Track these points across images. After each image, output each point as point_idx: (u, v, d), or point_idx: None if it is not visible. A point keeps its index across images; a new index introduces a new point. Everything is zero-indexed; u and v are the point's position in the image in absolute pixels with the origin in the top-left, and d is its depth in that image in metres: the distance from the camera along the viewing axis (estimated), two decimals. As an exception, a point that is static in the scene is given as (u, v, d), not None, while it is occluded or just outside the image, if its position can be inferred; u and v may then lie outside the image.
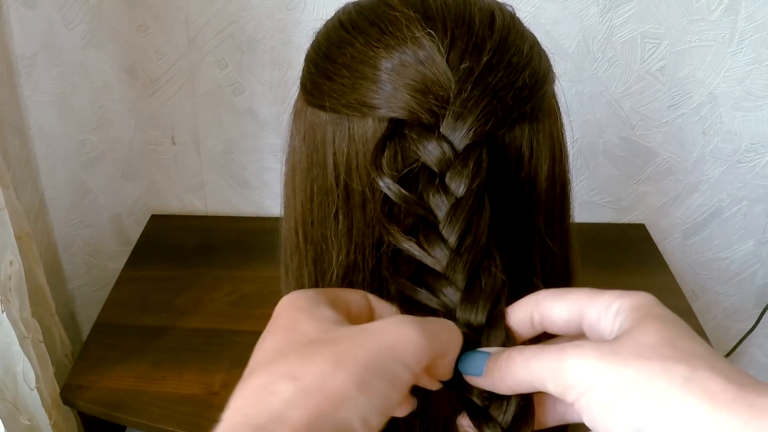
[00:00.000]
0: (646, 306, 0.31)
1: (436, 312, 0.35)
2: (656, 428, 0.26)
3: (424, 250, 0.35)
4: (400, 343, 0.29)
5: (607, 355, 0.28)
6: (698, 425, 0.25)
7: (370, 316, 0.36)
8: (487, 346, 0.34)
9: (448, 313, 0.35)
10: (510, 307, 0.35)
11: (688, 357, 0.27)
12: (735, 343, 1.46)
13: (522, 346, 0.33)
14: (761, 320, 1.44)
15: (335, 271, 0.41)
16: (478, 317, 0.34)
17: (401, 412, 0.35)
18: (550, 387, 0.30)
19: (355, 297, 0.36)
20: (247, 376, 0.30)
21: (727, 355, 1.48)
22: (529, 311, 0.34)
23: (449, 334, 0.32)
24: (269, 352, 0.30)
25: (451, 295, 0.35)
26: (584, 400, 0.28)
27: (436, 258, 0.35)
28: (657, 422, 0.26)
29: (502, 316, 0.35)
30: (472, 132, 0.35)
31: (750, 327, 1.44)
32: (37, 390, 1.01)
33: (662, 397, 0.26)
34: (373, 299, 0.37)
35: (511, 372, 0.31)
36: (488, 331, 0.34)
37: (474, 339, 0.34)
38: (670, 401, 0.26)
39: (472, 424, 0.33)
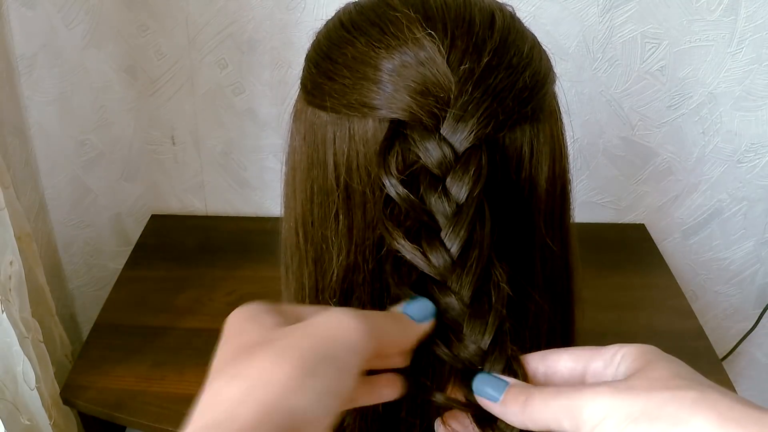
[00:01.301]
0: (651, 351, 0.32)
1: (440, 323, 0.35)
2: None
3: (427, 258, 0.35)
4: (339, 330, 0.30)
5: (619, 390, 0.30)
6: None
7: None
8: (491, 362, 0.34)
9: (453, 325, 0.35)
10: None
11: (696, 384, 0.29)
12: (735, 343, 1.46)
13: (542, 387, 0.33)
14: (761, 320, 1.44)
15: (335, 272, 0.41)
16: (486, 334, 0.34)
17: (389, 395, 0.36)
18: (566, 424, 0.31)
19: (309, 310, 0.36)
20: (204, 386, 0.31)
21: (727, 355, 1.48)
22: (535, 365, 0.35)
23: (395, 322, 0.33)
24: (219, 361, 0.32)
25: (457, 307, 0.34)
26: (598, 430, 0.29)
27: (438, 267, 0.35)
28: None
29: (507, 332, 0.35)
30: (472, 135, 0.35)
31: (750, 327, 1.44)
32: (37, 390, 1.01)
33: (672, 421, 0.27)
34: None
35: (530, 410, 0.32)
36: (493, 349, 0.34)
37: (478, 355, 0.34)
38: (679, 423, 0.27)
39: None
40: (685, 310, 1.18)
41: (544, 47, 0.41)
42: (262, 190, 1.39)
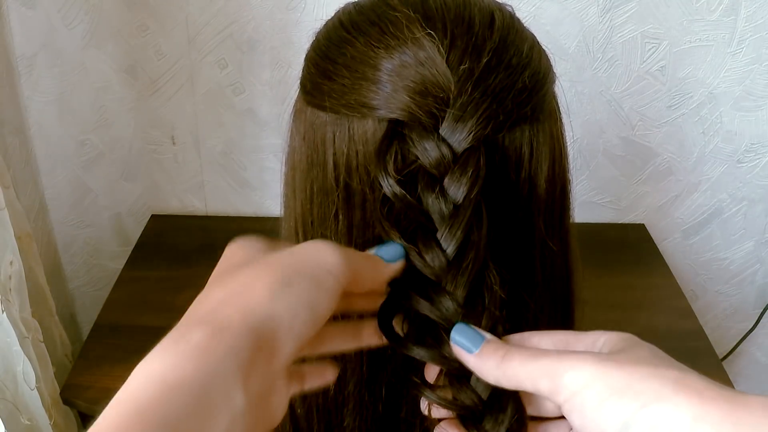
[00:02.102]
0: (631, 338, 0.33)
1: (434, 322, 0.35)
2: (645, 423, 0.28)
3: (423, 258, 0.35)
4: (317, 252, 0.33)
5: (603, 361, 0.30)
6: (688, 418, 0.27)
7: None
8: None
9: (447, 325, 0.35)
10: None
11: (676, 366, 0.30)
12: (735, 343, 1.46)
13: (521, 346, 0.33)
14: (761, 320, 1.44)
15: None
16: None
17: (370, 340, 0.37)
18: (543, 385, 0.31)
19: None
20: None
21: (727, 355, 1.48)
22: (516, 344, 0.35)
23: (367, 259, 0.35)
24: (212, 277, 0.36)
25: (451, 308, 0.34)
26: (577, 398, 0.30)
27: (433, 267, 0.35)
28: (648, 418, 0.28)
29: (500, 335, 0.35)
30: (471, 136, 0.35)
31: (750, 327, 1.44)
32: (37, 390, 1.01)
33: (654, 395, 0.28)
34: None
35: (507, 365, 0.32)
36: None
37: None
38: (662, 399, 0.28)
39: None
40: (685, 310, 1.18)
41: (543, 47, 0.41)
42: (262, 190, 1.39)
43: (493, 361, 0.32)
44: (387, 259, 0.35)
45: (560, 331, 0.35)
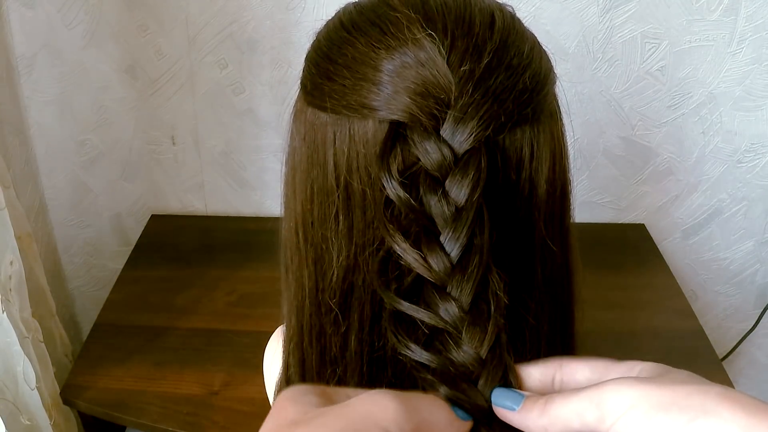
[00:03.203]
0: (665, 366, 0.33)
1: (433, 329, 0.35)
2: (702, 429, 0.28)
3: (427, 263, 0.34)
4: (375, 410, 0.30)
5: (644, 382, 0.30)
6: (737, 429, 0.27)
7: None
8: (488, 370, 0.34)
9: (447, 332, 0.34)
10: (534, 365, 0.36)
11: (717, 384, 0.30)
12: (735, 343, 1.46)
13: (561, 392, 0.33)
14: (761, 320, 1.44)
15: (335, 272, 0.41)
16: (485, 342, 0.34)
17: None
18: (589, 416, 0.31)
19: (352, 391, 0.36)
20: None
21: (727, 355, 1.48)
22: (552, 372, 0.35)
23: (430, 404, 0.33)
24: None
25: (456, 314, 0.34)
26: (624, 419, 0.30)
27: (438, 272, 0.34)
28: (701, 421, 0.28)
29: (505, 343, 0.35)
30: (472, 137, 0.35)
31: (750, 327, 1.44)
32: (38, 390, 1.01)
33: (700, 410, 0.28)
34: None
35: (550, 409, 0.32)
36: (492, 357, 0.34)
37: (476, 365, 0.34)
38: (707, 413, 0.28)
39: None
40: (685, 310, 1.18)
41: (544, 47, 0.41)
42: (262, 190, 1.39)
43: (537, 411, 0.32)
44: (462, 417, 0.34)
45: (595, 358, 0.35)
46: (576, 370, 0.35)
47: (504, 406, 0.33)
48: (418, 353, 0.35)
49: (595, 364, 0.35)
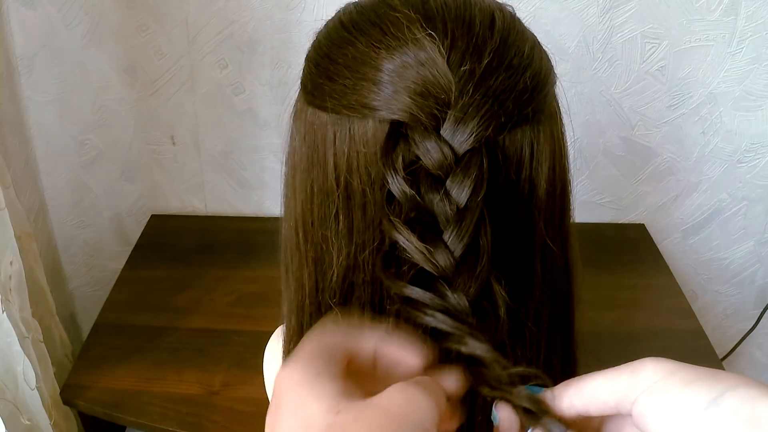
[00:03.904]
0: (674, 363, 0.33)
1: (436, 326, 0.35)
2: (737, 397, 0.28)
3: (433, 257, 0.34)
4: (413, 412, 0.30)
5: (677, 362, 0.31)
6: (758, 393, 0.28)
7: (372, 366, 0.35)
8: (495, 358, 0.34)
9: (453, 320, 0.34)
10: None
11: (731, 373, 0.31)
12: (735, 343, 1.46)
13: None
14: (761, 320, 1.44)
15: (335, 272, 0.41)
16: (493, 340, 0.34)
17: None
18: (622, 381, 0.31)
19: (359, 345, 0.35)
20: None
21: (727, 355, 1.48)
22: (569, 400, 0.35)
23: (444, 387, 0.33)
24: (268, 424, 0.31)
25: (464, 305, 0.34)
26: (661, 385, 0.30)
27: (442, 266, 0.34)
28: (738, 394, 0.28)
29: (506, 343, 0.35)
30: (473, 137, 0.35)
31: (750, 327, 1.44)
32: (38, 390, 1.01)
33: (736, 383, 0.29)
34: (385, 346, 0.36)
35: (581, 386, 0.32)
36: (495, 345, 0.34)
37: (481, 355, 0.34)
38: (736, 387, 0.29)
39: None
40: (685, 310, 1.18)
41: (544, 47, 0.41)
42: (262, 190, 1.39)
43: (572, 389, 0.32)
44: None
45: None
46: (588, 381, 0.34)
47: (534, 390, 0.33)
48: (439, 318, 0.35)
49: (604, 373, 0.34)
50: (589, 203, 1.38)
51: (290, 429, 0.30)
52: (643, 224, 1.39)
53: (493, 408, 0.34)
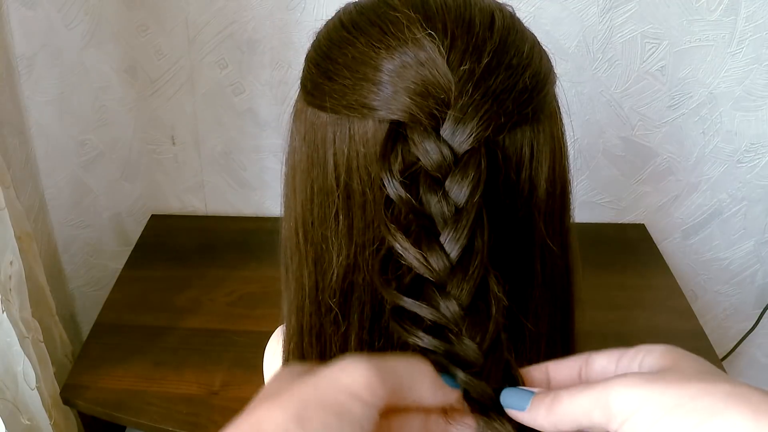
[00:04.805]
0: (676, 350, 0.33)
1: (433, 325, 0.35)
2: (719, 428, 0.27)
3: (427, 262, 0.34)
4: (345, 377, 0.29)
5: (651, 381, 0.30)
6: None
7: None
8: (488, 370, 0.34)
9: (448, 329, 0.34)
10: (563, 361, 0.36)
11: (725, 378, 0.29)
12: (735, 343, 1.46)
13: (569, 387, 0.33)
14: (761, 320, 1.44)
15: (335, 272, 0.41)
16: (486, 339, 0.34)
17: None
18: (596, 416, 0.30)
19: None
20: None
21: (727, 356, 1.48)
22: (579, 366, 0.35)
23: (411, 367, 0.32)
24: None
25: (455, 311, 0.34)
26: (629, 424, 0.29)
27: (438, 271, 0.34)
28: (717, 420, 0.27)
29: (505, 339, 0.35)
30: (472, 137, 0.35)
31: (750, 327, 1.44)
32: (38, 390, 1.01)
33: (707, 412, 0.27)
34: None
35: (557, 408, 0.32)
36: (492, 354, 0.34)
37: (477, 363, 0.34)
38: (714, 415, 0.27)
39: None
40: (685, 310, 1.18)
41: (544, 47, 0.41)
42: (262, 190, 1.39)
43: (543, 409, 0.32)
44: (450, 384, 0.33)
45: (609, 350, 0.35)
46: (595, 360, 0.35)
47: (513, 406, 0.33)
48: (426, 340, 0.34)
49: (610, 353, 0.35)
50: (589, 203, 1.38)
51: (251, 404, 0.31)
52: (643, 224, 1.39)
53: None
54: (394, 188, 0.35)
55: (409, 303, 0.35)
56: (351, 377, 0.29)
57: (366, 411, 0.29)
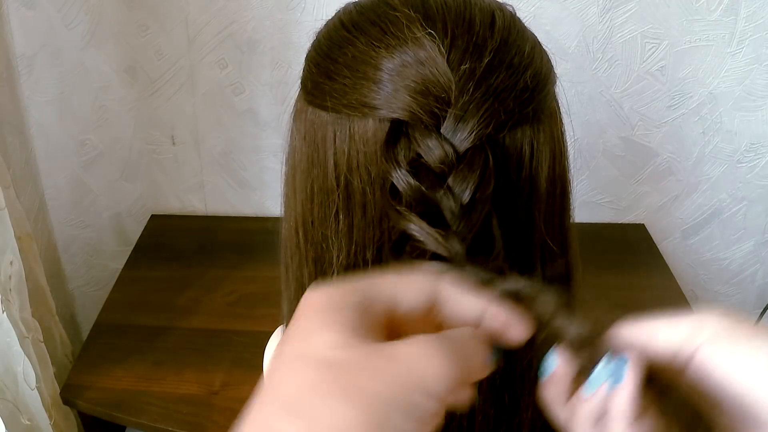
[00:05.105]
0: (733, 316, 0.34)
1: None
2: None
3: (444, 240, 0.34)
4: (423, 371, 0.26)
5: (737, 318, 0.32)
6: None
7: (426, 319, 0.31)
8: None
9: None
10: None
11: None
12: (735, 343, 1.46)
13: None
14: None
15: (336, 271, 0.41)
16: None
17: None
18: (685, 326, 0.32)
19: (410, 293, 0.30)
20: (257, 395, 0.27)
21: (727, 355, 1.48)
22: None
23: (475, 346, 0.29)
24: (277, 367, 0.27)
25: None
26: (727, 332, 0.31)
27: (456, 252, 0.34)
28: None
29: None
30: (473, 135, 0.35)
31: (750, 327, 1.44)
32: (38, 390, 1.01)
33: None
34: (448, 291, 0.31)
35: (639, 326, 0.34)
36: None
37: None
38: None
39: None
40: (685, 310, 1.18)
41: (544, 47, 0.41)
42: (262, 190, 1.39)
43: (625, 328, 0.33)
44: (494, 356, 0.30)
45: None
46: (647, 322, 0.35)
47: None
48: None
49: (664, 317, 0.35)
50: (589, 203, 1.38)
51: (285, 357, 0.27)
52: (643, 224, 1.39)
53: (549, 355, 0.33)
54: (402, 178, 0.35)
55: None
56: (428, 374, 0.26)
57: (437, 408, 0.26)
